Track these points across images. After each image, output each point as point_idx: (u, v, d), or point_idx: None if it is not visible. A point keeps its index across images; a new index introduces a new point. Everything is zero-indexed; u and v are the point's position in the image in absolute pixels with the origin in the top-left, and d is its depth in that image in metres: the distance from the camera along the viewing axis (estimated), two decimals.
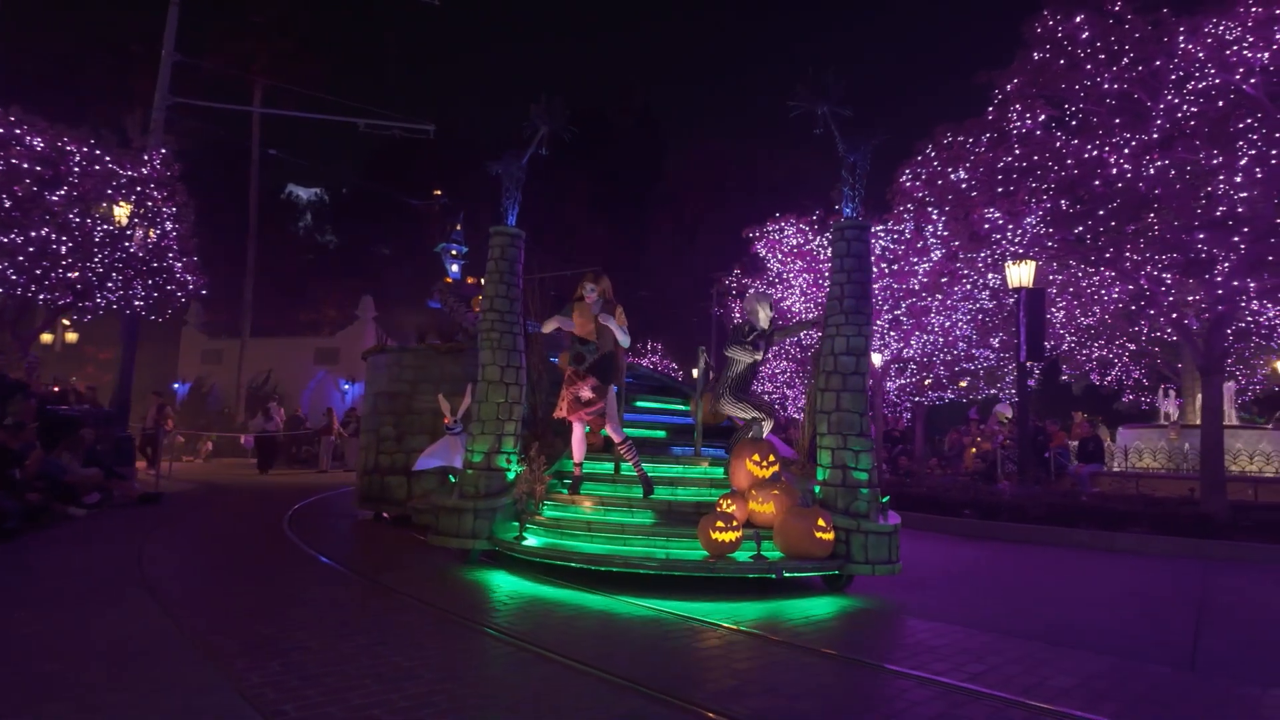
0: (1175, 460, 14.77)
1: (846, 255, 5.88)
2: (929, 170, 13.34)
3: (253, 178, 29.20)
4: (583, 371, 6.20)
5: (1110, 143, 10.32)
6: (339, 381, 27.35)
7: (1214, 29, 10.19)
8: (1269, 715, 3.19)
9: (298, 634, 3.96)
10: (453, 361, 8.74)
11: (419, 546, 6.90)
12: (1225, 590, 6.48)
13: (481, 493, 6.10)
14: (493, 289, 6.42)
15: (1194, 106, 10.20)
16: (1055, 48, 11.24)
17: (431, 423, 8.34)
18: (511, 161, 6.54)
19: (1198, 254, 9.65)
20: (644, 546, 5.66)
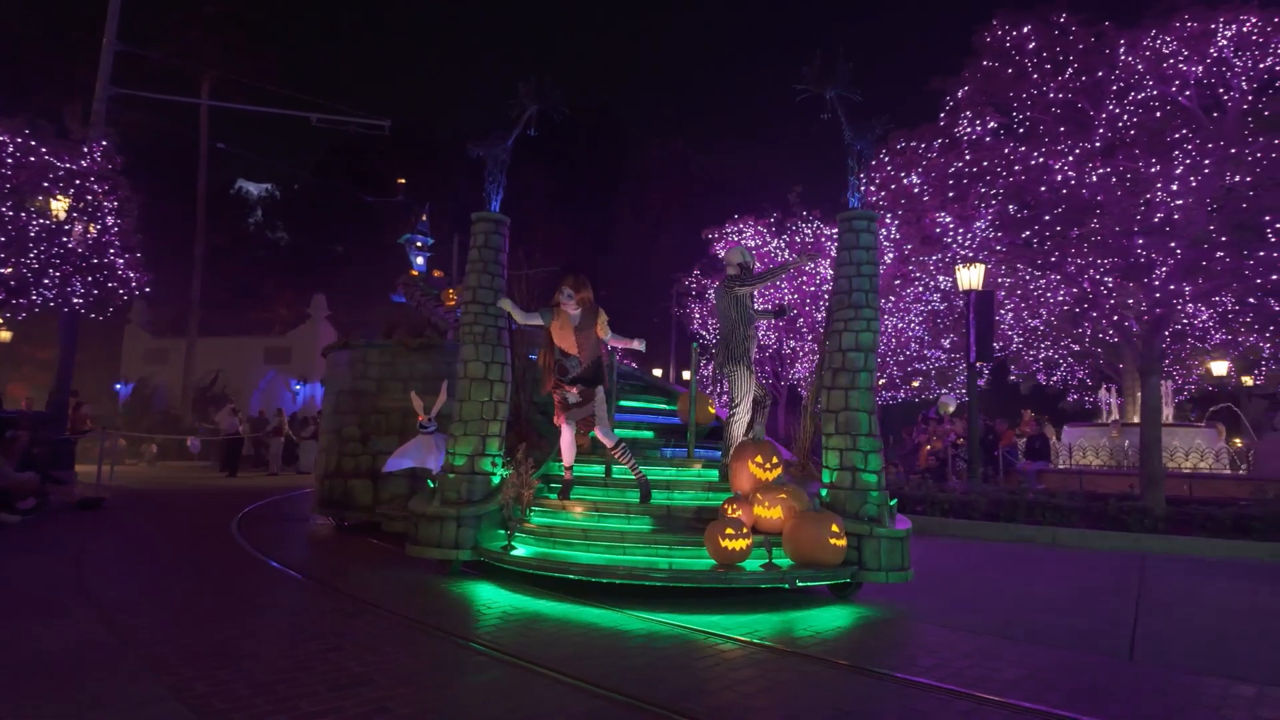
0: (1116, 457, 15.32)
1: (855, 247, 5.58)
2: (883, 175, 13.61)
3: (200, 172, 28.35)
4: (566, 383, 5.86)
5: (1055, 150, 10.66)
6: (290, 381, 26.73)
7: (1152, 42, 10.62)
8: (1203, 701, 3.33)
9: (247, 642, 3.86)
10: (423, 358, 8.32)
11: (389, 556, 6.60)
12: (1162, 582, 6.74)
13: (464, 499, 5.68)
14: (475, 279, 6.00)
15: (1134, 116, 10.62)
16: (1004, 57, 11.58)
17: (400, 422, 8.00)
18: (496, 143, 6.16)
19: (1137, 259, 10.03)
20: (645, 555, 5.30)
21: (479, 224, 6.14)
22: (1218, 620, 5.30)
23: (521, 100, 6.18)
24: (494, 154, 6.18)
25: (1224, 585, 6.69)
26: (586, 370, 5.85)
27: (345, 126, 17.63)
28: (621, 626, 4.37)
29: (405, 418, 7.83)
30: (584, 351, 5.84)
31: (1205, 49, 10.60)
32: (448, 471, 5.84)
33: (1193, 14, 10.64)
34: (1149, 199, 10.16)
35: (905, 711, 3.13)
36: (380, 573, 6.00)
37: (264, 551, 6.74)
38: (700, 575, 4.88)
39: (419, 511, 5.72)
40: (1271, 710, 3.22)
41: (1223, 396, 19.06)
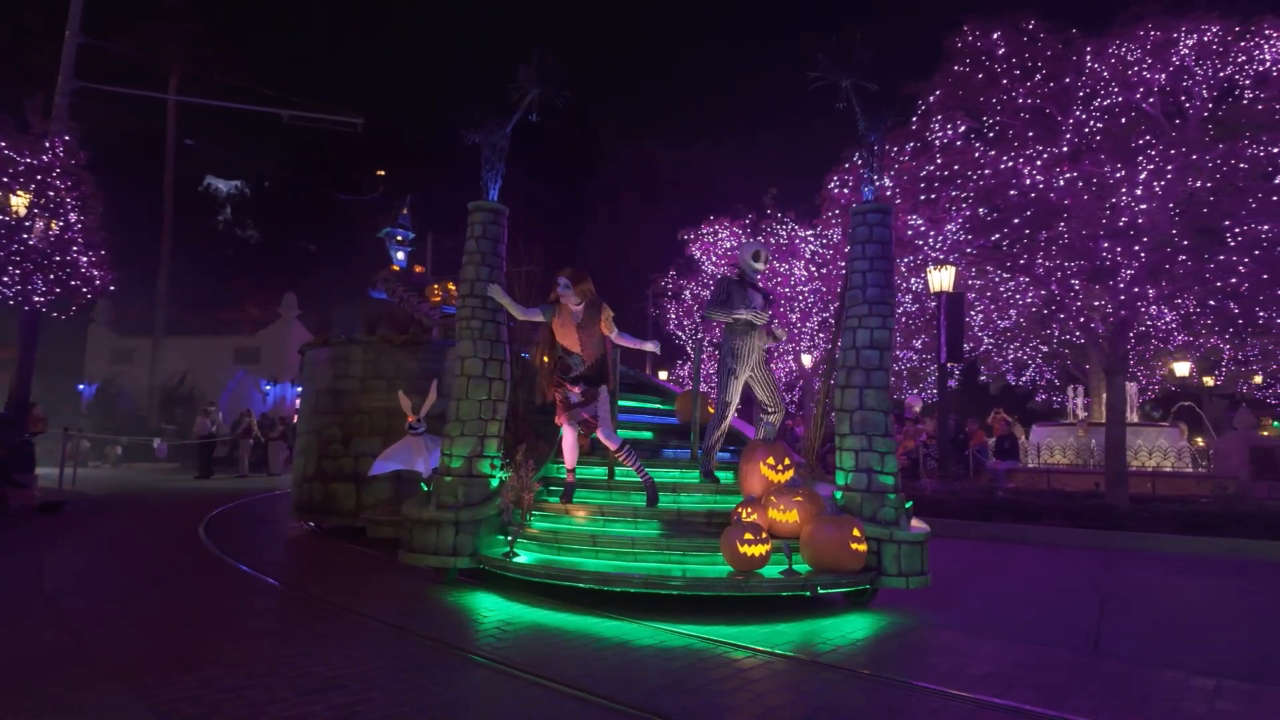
0: (1083, 456, 15.64)
1: (869, 241, 5.40)
2: (855, 176, 13.74)
3: (167, 169, 27.83)
4: (569, 382, 5.62)
5: (1024, 154, 10.85)
6: (260, 382, 26.33)
7: (1117, 50, 10.85)
8: (1162, 693, 3.41)
9: (222, 646, 3.80)
10: (409, 355, 8.02)
11: (376, 563, 6.34)
12: (1126, 578, 6.89)
13: (462, 503, 5.38)
14: (473, 271, 5.68)
15: (1099, 122, 10.84)
16: (974, 62, 11.75)
17: (385, 423, 7.73)
18: (494, 129, 5.78)
19: (1103, 262, 10.25)
20: (657, 562, 5.02)
21: (476, 213, 5.81)
22: (1179, 615, 5.43)
23: (522, 84, 5.79)
24: (492, 140, 5.80)
25: (1185, 580, 6.85)
26: (591, 369, 5.59)
27: (317, 124, 17.40)
28: (632, 637, 4.14)
29: (390, 418, 7.56)
30: (588, 350, 5.56)
31: (1168, 57, 10.86)
32: (444, 474, 5.54)
33: (1156, 23, 10.89)
34: (1114, 203, 10.39)
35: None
36: (367, 579, 5.77)
37: (235, 556, 6.62)
38: (719, 583, 4.65)
39: (413, 516, 5.40)
40: (1228, 702, 3.30)
41: (1185, 396, 19.54)
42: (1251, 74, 10.76)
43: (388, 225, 9.99)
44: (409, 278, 9.69)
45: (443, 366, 7.69)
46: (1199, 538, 8.84)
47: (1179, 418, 18.63)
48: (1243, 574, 7.22)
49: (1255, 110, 10.32)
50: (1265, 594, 6.36)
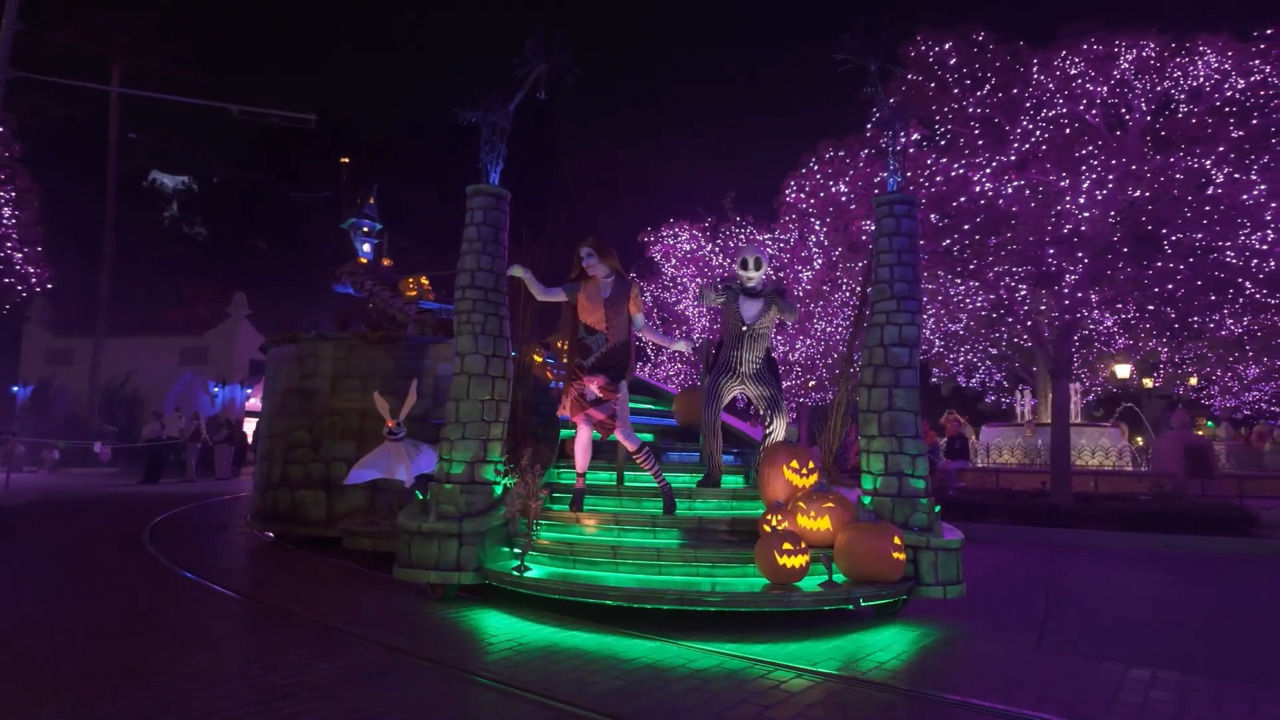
0: (1030, 455, 16.12)
1: (896, 234, 5.15)
2: (812, 182, 13.96)
3: (110, 163, 26.87)
4: (589, 366, 5.21)
5: (974, 162, 11.15)
6: (208, 384, 25.60)
7: (1062, 63, 11.21)
8: (1101, 685, 3.53)
9: (158, 658, 3.68)
10: (384, 353, 7.50)
11: (356, 577, 5.90)
12: (1070, 574, 7.12)
13: (465, 512, 4.99)
14: (473, 261, 5.28)
15: (1045, 132, 11.18)
16: (927, 71, 12.02)
17: (358, 425, 7.30)
18: (496, 107, 5.36)
19: (1048, 268, 10.58)
20: (685, 575, 4.69)
21: (476, 198, 5.40)
22: (1119, 608, 5.63)
23: (527, 59, 5.36)
24: (491, 120, 5.37)
25: (1125, 575, 7.10)
26: (612, 353, 5.20)
27: (269, 119, 16.99)
28: (663, 658, 3.78)
29: (364, 420, 7.14)
30: (613, 329, 5.17)
31: (1109, 70, 11.25)
32: (442, 481, 5.12)
33: (1098, 37, 11.27)
34: (1059, 211, 10.74)
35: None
36: (348, 594, 5.33)
37: (185, 565, 6.42)
38: (759, 598, 4.32)
39: (410, 528, 4.95)
40: (1163, 692, 3.43)
41: (1125, 398, 20.27)
42: (1186, 88, 11.22)
43: (353, 216, 9.52)
44: (378, 271, 9.21)
45: (421, 365, 7.43)
46: (1138, 534, 9.18)
47: (1120, 418, 19.35)
48: (1177, 568, 7.53)
49: (1189, 124, 10.76)
50: (1197, 587, 6.64)
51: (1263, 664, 4.14)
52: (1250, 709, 3.27)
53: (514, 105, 5.40)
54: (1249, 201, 10.22)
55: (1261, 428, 18.80)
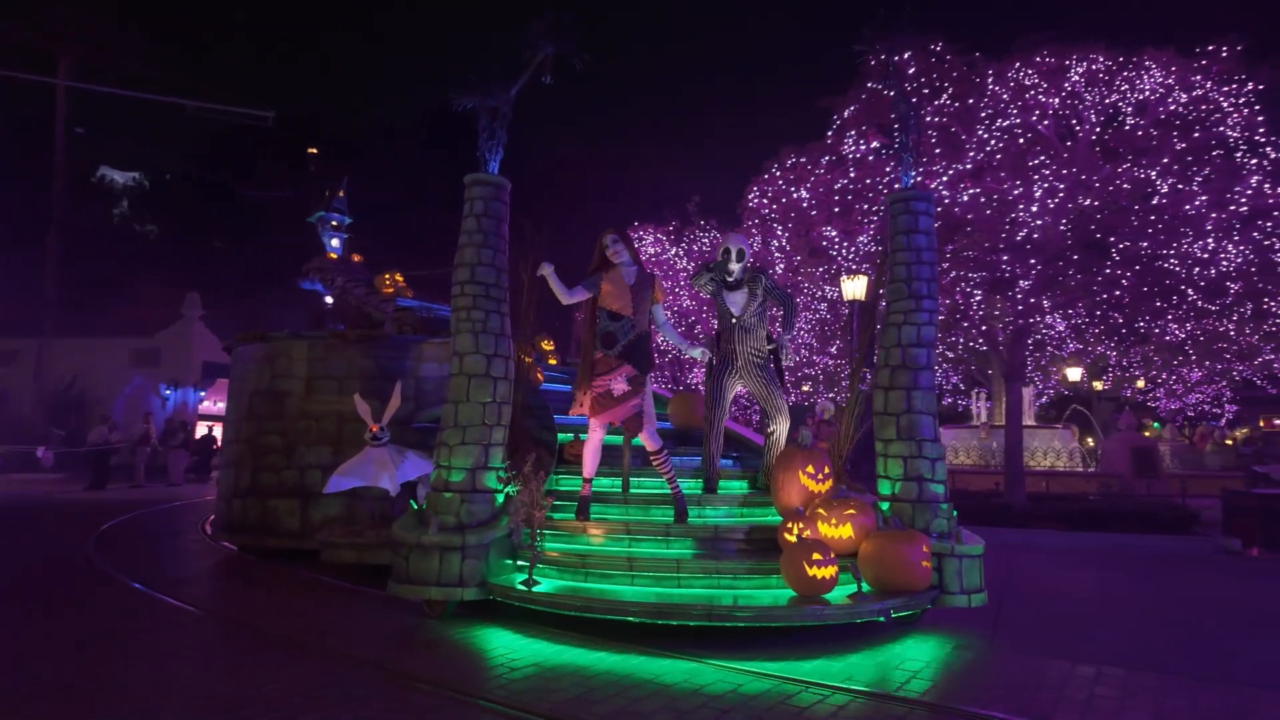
0: (985, 457, 16.51)
1: (915, 231, 4.96)
2: (774, 188, 14.12)
3: (57, 158, 26.01)
4: (615, 357, 4.84)
5: (931, 171, 11.38)
6: (160, 387, 24.91)
7: (1016, 74, 11.51)
8: (1049, 682, 3.63)
9: (106, 671, 3.57)
10: (363, 353, 7.06)
11: (338, 593, 5.49)
12: (1022, 572, 7.30)
13: (466, 523, 4.68)
14: (473, 254, 4.99)
15: (1000, 142, 11.47)
16: (886, 80, 12.24)
17: (335, 429, 6.91)
18: (497, 92, 5.03)
19: (1002, 274, 10.86)
20: (706, 588, 4.43)
21: (475, 188, 5.11)
22: (1068, 606, 5.79)
23: (533, 41, 5.04)
24: (491, 105, 5.03)
25: (1074, 573, 7.31)
26: (640, 341, 4.90)
27: (225, 115, 16.62)
28: (688, 678, 3.54)
29: (342, 424, 6.81)
30: (640, 317, 4.90)
31: (1061, 83, 11.59)
32: (441, 489, 4.79)
33: (1051, 50, 11.61)
34: (1013, 219, 11.02)
35: None
36: (332, 613, 4.92)
37: (134, 576, 6.23)
38: (791, 613, 4.07)
39: (409, 541, 4.59)
40: (1107, 688, 3.55)
41: (1076, 400, 20.86)
42: (1133, 101, 11.61)
43: (321, 210, 9.04)
44: (349, 267, 8.75)
45: (404, 366, 7.10)
46: (1087, 533, 9.46)
47: (1071, 420, 19.89)
48: (1123, 566, 7.77)
49: (1135, 136, 11.13)
50: (1141, 584, 6.87)
51: (1203, 659, 4.30)
52: (1189, 703, 3.39)
53: (516, 90, 5.06)
54: (1190, 211, 10.61)
55: (1204, 429, 19.50)
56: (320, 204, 9.22)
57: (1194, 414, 19.28)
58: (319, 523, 6.70)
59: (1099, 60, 11.57)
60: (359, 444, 5.96)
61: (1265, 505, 8.53)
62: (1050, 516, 10.00)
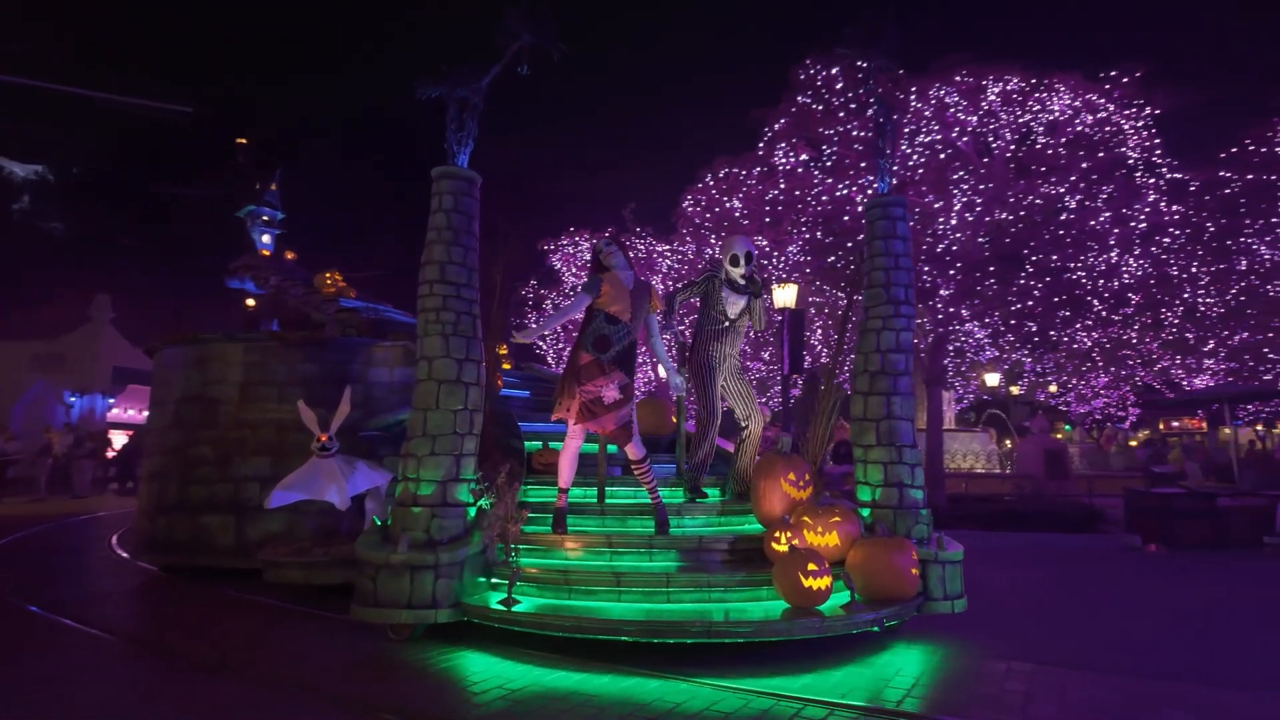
0: None
1: (893, 236, 4.94)
2: (708, 197, 14.32)
3: None
4: (608, 363, 4.64)
5: (858, 183, 11.75)
6: (64, 393, 23.50)
7: (937, 92, 11.99)
8: (976, 676, 3.75)
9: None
10: (305, 357, 6.59)
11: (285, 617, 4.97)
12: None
13: (438, 539, 4.37)
14: (442, 252, 4.71)
15: (922, 156, 11.92)
16: (815, 94, 12.59)
17: (275, 439, 6.46)
18: (467, 81, 4.77)
19: (924, 283, 11.28)
20: (697, 603, 4.26)
21: (445, 181, 4.81)
22: (984, 605, 6.02)
23: (508, 29, 4.82)
24: (460, 95, 4.76)
25: (994, 573, 7.61)
26: (630, 348, 4.73)
27: (140, 109, 15.82)
28: (684, 700, 3.35)
29: (283, 433, 6.38)
30: (635, 323, 4.74)
31: (978, 101, 12.14)
32: (408, 504, 4.46)
33: (970, 70, 12.15)
34: (934, 231, 11.47)
35: None
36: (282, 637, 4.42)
37: (55, 608, 5.81)
38: (791, 626, 3.94)
39: (376, 560, 4.24)
40: (1016, 683, 3.70)
41: (994, 404, 21.79)
42: (1044, 122, 12.24)
43: (250, 204, 8.46)
44: (282, 265, 8.19)
45: (350, 370, 6.69)
46: (1005, 533, 9.88)
47: (989, 423, 20.77)
48: (1038, 563, 8.13)
49: (1046, 154, 11.74)
50: (1053, 580, 7.20)
51: (1104, 653, 4.51)
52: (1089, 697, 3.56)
53: (489, 80, 4.80)
54: (1096, 227, 11.26)
55: (1109, 431, 20.64)
56: (250, 198, 8.67)
57: (1101, 417, 20.40)
58: (257, 540, 6.15)
59: (1013, 81, 12.17)
60: (303, 454, 5.57)
61: (1163, 504, 9.06)
62: (969, 517, 10.39)
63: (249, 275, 8.12)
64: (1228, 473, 11.15)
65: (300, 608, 5.16)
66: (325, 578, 5.20)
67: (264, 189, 8.71)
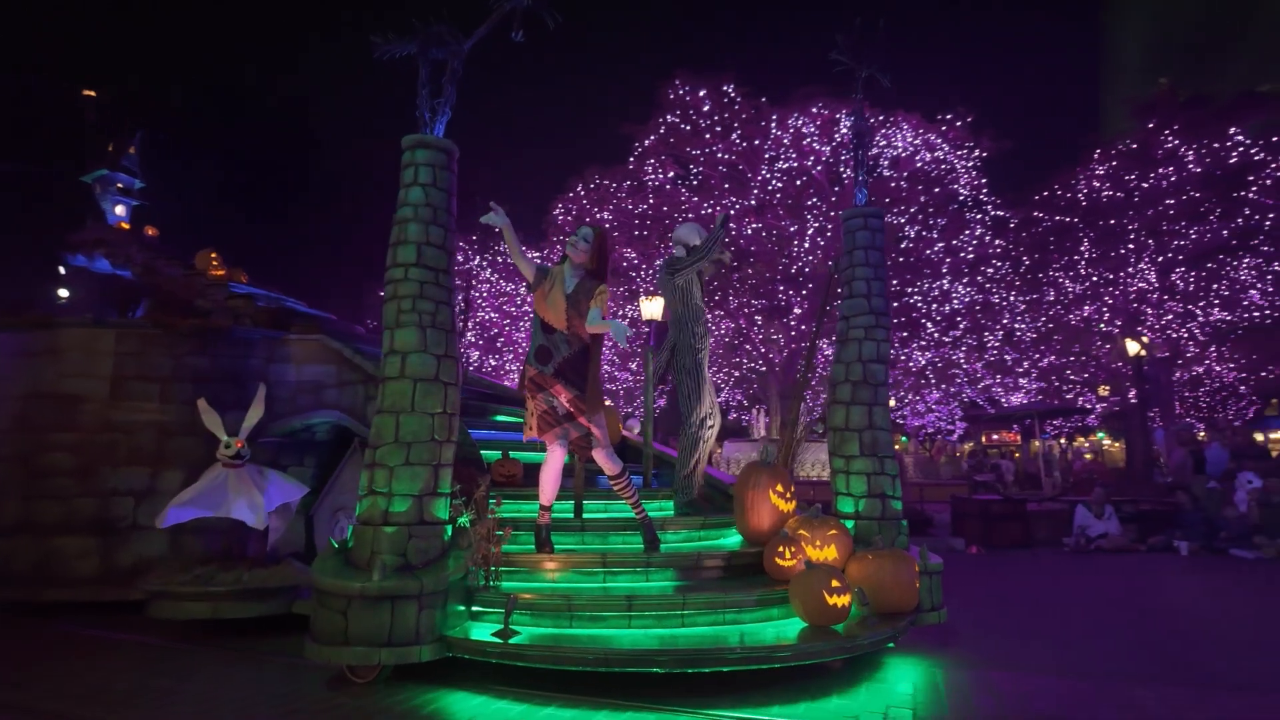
0: None
1: (871, 247, 4.94)
2: (578, 206, 14.42)
3: None
4: (550, 376, 4.27)
5: (721, 203, 12.25)
6: None
7: (795, 122, 12.72)
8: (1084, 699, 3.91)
9: None
10: (196, 348, 5.69)
11: (179, 663, 3.95)
12: None
13: (416, 563, 3.85)
14: (419, 231, 4.20)
15: (780, 182, 12.60)
16: (683, 114, 13.01)
17: (155, 446, 5.53)
18: (446, 41, 4.26)
19: (779, 302, 11.92)
20: (712, 625, 3.99)
21: (419, 151, 4.26)
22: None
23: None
24: (436, 57, 4.25)
25: None
26: (575, 358, 4.30)
27: None
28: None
29: (164, 438, 5.53)
30: (574, 327, 4.27)
31: (832, 133, 12.99)
32: (379, 523, 3.89)
33: (825, 102, 13.00)
34: (789, 253, 12.14)
35: None
36: (192, 691, 3.47)
37: None
38: (825, 648, 3.73)
39: (348, 590, 3.63)
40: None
41: None
42: (889, 156, 13.28)
43: (103, 167, 7.35)
44: (143, 241, 7.05)
45: (249, 366, 5.86)
46: None
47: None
48: None
49: (890, 186, 12.75)
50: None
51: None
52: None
53: (472, 43, 4.33)
54: (931, 255, 12.34)
55: (939, 443, 22.56)
56: (102, 160, 7.51)
57: (933, 430, 22.29)
58: (131, 566, 5.17)
59: (864, 116, 13.13)
60: (191, 464, 4.84)
61: (983, 510, 10.01)
62: None
63: (105, 252, 6.97)
64: (1037, 481, 12.48)
65: (200, 647, 4.21)
66: (239, 610, 4.46)
67: (120, 152, 7.56)
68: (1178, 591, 6.31)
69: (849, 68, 5.03)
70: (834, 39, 4.99)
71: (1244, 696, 3.49)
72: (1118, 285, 13.18)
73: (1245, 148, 12.41)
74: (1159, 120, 12.91)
